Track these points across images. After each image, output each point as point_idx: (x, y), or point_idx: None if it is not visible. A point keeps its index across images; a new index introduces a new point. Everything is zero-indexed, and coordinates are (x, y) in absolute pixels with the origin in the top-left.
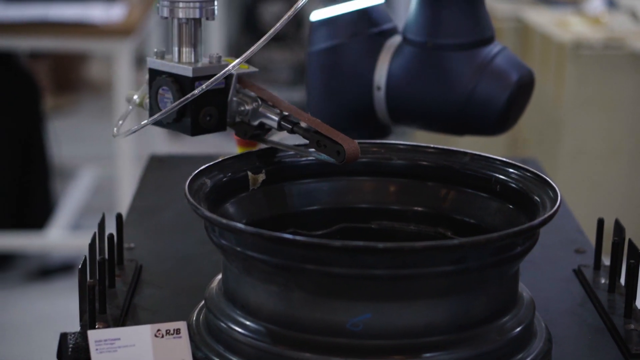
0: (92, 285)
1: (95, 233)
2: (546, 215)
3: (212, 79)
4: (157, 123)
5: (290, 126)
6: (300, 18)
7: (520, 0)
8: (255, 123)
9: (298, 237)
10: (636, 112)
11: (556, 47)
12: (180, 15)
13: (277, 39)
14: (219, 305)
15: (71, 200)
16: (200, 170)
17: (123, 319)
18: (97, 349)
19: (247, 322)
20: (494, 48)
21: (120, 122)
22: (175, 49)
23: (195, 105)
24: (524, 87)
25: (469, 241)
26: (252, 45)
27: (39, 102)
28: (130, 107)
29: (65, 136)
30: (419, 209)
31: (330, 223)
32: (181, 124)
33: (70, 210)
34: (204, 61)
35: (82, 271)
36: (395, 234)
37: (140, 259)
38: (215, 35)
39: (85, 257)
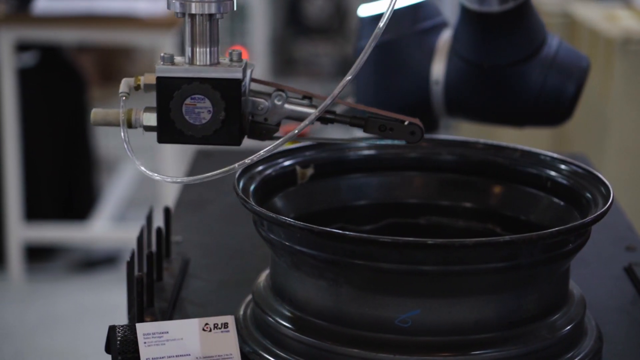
0: (140, 278)
1: (143, 226)
2: (599, 212)
3: (305, 122)
4: (183, 139)
5: (332, 117)
6: (344, 11)
7: None
8: (276, 122)
9: (347, 232)
10: None
11: (604, 42)
12: (194, 10)
13: (321, 31)
14: (266, 299)
15: (115, 192)
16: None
17: (171, 313)
18: (145, 342)
19: (295, 317)
20: (552, 42)
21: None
22: (189, 49)
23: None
24: (586, 75)
25: (520, 238)
26: (296, 39)
27: (84, 94)
28: (123, 131)
29: (110, 129)
30: (468, 204)
31: (379, 218)
32: (219, 135)
33: (114, 202)
34: (224, 61)
35: (131, 264)
36: (443, 229)
37: (188, 252)
38: (260, 29)
39: (134, 250)
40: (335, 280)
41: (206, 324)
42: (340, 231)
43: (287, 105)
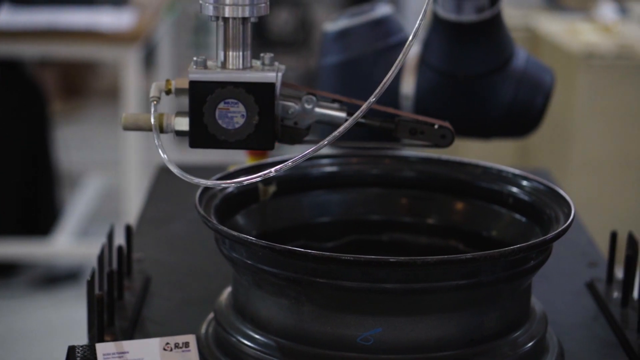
0: (100, 297)
1: (104, 244)
2: (560, 230)
3: (331, 136)
4: (215, 143)
5: (363, 121)
6: (309, 24)
7: (530, 6)
8: (306, 125)
9: (309, 251)
10: None
11: (567, 57)
12: (228, 14)
13: (286, 45)
14: (228, 318)
15: (78, 208)
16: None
17: (132, 332)
18: None
19: (257, 336)
20: (520, 54)
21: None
22: (221, 53)
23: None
24: (553, 87)
25: (482, 255)
26: (260, 51)
27: (46, 109)
28: (156, 137)
29: (73, 143)
30: (431, 221)
31: (341, 235)
32: (253, 139)
33: (76, 218)
34: (256, 65)
35: (91, 283)
36: (406, 246)
37: (150, 270)
38: None
39: (94, 269)
40: (297, 298)
41: (167, 343)
42: (301, 249)
43: (317, 109)
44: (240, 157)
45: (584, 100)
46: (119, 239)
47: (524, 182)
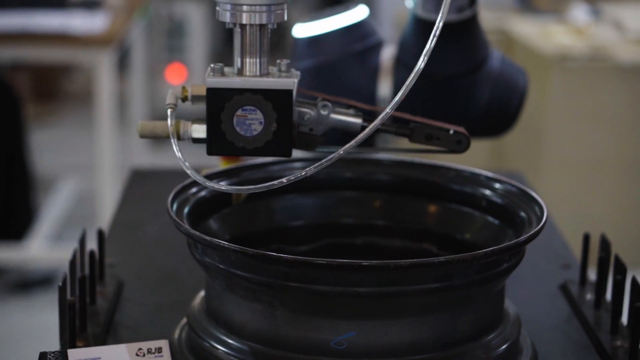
0: (72, 303)
1: (75, 249)
2: (532, 232)
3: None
4: (233, 150)
5: (380, 128)
6: (282, 27)
7: (503, 9)
8: (321, 131)
9: (282, 255)
10: (621, 125)
11: (540, 59)
12: (245, 21)
13: None
14: (201, 323)
15: (52, 212)
16: (183, 185)
17: (104, 337)
18: None
19: (230, 341)
20: (495, 56)
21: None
22: (239, 59)
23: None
24: (527, 86)
25: (454, 258)
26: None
27: (20, 113)
28: (175, 144)
29: (46, 147)
30: (404, 224)
31: (315, 239)
32: (271, 146)
33: (50, 222)
34: (273, 72)
35: (63, 288)
36: (380, 250)
37: (122, 275)
38: (199, 46)
39: (66, 274)
40: (270, 303)
41: (139, 348)
42: (274, 254)
43: (333, 115)
44: (213, 161)
45: (558, 102)
46: (92, 244)
47: (497, 185)
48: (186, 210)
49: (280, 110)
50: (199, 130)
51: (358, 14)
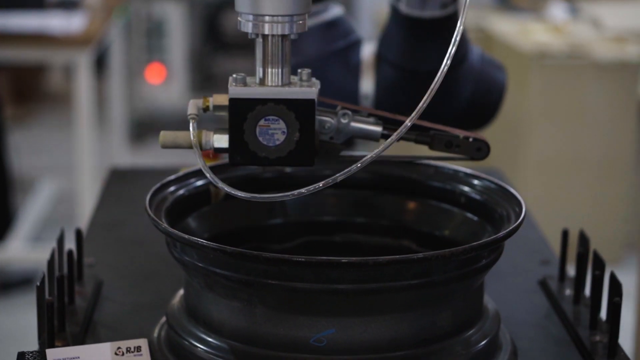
0: (50, 302)
1: (53, 249)
2: (510, 228)
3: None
4: (256, 160)
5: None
6: None
7: (482, 7)
8: (342, 140)
9: (260, 253)
10: (599, 121)
11: (519, 56)
12: (267, 31)
13: (240, 47)
14: (180, 321)
15: (31, 213)
16: (161, 184)
17: (83, 337)
18: None
19: (210, 339)
20: (475, 51)
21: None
22: (260, 69)
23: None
24: (507, 79)
25: (433, 255)
26: (214, 55)
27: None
28: (198, 155)
29: (25, 148)
30: (383, 221)
31: (294, 236)
32: (293, 156)
33: (30, 223)
34: (294, 81)
35: (41, 288)
36: (359, 247)
37: (101, 274)
38: (178, 45)
39: (44, 274)
40: (249, 300)
41: (118, 347)
42: (253, 251)
43: (353, 124)
44: (194, 161)
45: (536, 99)
46: (71, 244)
47: (476, 182)
48: (164, 208)
49: (303, 120)
50: (222, 140)
51: (336, 12)
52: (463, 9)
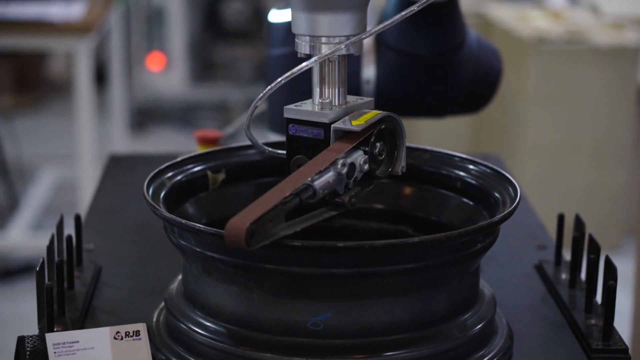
0: (49, 287)
1: (53, 234)
2: (505, 212)
3: None
4: None
5: None
6: (262, 14)
7: None
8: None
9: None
10: (597, 107)
11: (517, 42)
12: (324, 51)
13: (240, 35)
14: (179, 306)
15: (32, 201)
16: (159, 169)
17: (82, 322)
18: (55, 352)
19: (208, 323)
20: (472, 35)
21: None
22: (317, 89)
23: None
24: (502, 61)
25: (428, 239)
26: (214, 43)
27: None
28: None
29: (26, 135)
30: (380, 206)
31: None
32: None
33: (31, 210)
34: (351, 100)
35: (40, 273)
36: (356, 232)
37: (100, 260)
38: (177, 34)
39: (43, 259)
40: (246, 285)
41: (117, 332)
42: None
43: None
44: (193, 147)
45: (535, 84)
46: (70, 230)
47: (471, 166)
48: (162, 194)
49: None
50: None
51: None
52: None
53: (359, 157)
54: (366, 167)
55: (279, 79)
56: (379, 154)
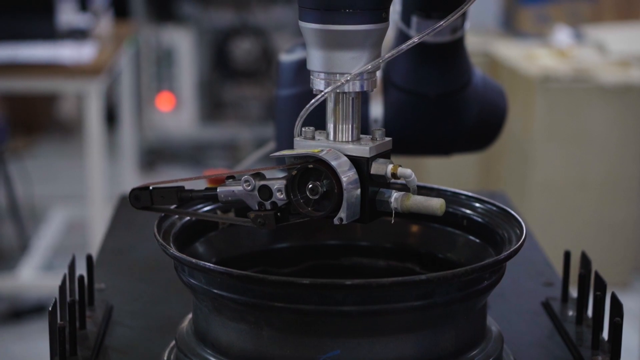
0: (62, 327)
1: (65, 274)
2: (511, 250)
3: None
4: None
5: None
6: (271, 53)
7: (488, 33)
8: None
9: (266, 275)
10: (604, 145)
11: (524, 80)
12: (340, 89)
13: (249, 75)
14: (189, 344)
15: (43, 241)
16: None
17: None
18: None
19: None
20: (478, 74)
21: None
22: (331, 125)
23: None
24: (507, 100)
25: (435, 276)
26: (223, 83)
27: (3, 144)
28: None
29: (37, 176)
30: (388, 244)
31: (300, 260)
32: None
33: (42, 251)
34: (365, 138)
35: (53, 313)
36: (364, 270)
37: (111, 299)
38: (187, 74)
39: (56, 299)
40: (256, 323)
41: None
42: (258, 274)
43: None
44: (202, 186)
45: (542, 122)
46: (82, 270)
47: (478, 204)
48: (173, 234)
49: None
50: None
51: None
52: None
53: (277, 183)
54: (281, 196)
55: (302, 112)
56: (311, 192)
